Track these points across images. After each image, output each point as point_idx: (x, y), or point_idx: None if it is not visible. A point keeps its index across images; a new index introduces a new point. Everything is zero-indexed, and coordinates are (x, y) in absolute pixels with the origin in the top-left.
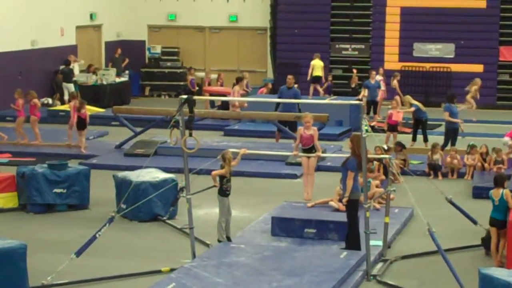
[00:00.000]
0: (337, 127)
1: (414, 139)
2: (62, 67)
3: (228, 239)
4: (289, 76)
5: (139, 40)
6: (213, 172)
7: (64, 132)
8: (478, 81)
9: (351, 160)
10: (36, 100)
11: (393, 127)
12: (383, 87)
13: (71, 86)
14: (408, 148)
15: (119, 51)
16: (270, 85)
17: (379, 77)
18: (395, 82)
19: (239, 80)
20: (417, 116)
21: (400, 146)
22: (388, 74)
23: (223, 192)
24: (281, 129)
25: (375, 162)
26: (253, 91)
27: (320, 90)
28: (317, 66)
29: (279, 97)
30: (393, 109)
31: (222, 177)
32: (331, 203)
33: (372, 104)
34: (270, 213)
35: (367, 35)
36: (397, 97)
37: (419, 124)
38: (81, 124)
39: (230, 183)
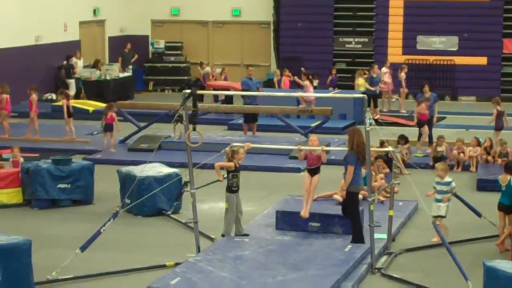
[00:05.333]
0: (341, 120)
1: None
2: (64, 62)
3: (245, 235)
4: (250, 68)
5: (142, 35)
6: (216, 164)
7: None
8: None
9: (350, 155)
10: (4, 96)
11: None
12: (389, 79)
13: (72, 82)
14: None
15: (128, 46)
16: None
17: (385, 69)
18: (402, 75)
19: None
20: None
21: (403, 139)
22: (392, 67)
23: (229, 188)
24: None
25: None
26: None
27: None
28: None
29: (247, 89)
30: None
31: (228, 172)
32: (335, 196)
33: (373, 98)
34: (274, 207)
35: (371, 28)
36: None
37: None
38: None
39: (236, 179)
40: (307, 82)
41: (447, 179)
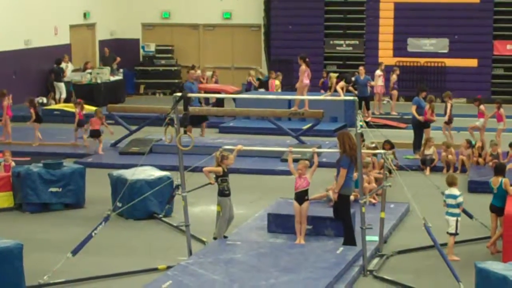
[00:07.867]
0: (332, 123)
1: None
2: (55, 66)
3: (224, 237)
4: (191, 71)
5: (133, 38)
6: (205, 168)
7: (59, 131)
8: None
9: (343, 158)
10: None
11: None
12: (381, 83)
13: (62, 85)
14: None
15: (106, 50)
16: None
17: (379, 72)
18: (394, 77)
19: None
20: None
21: (389, 144)
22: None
23: (221, 192)
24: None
25: (367, 158)
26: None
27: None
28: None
29: (191, 92)
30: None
31: (217, 177)
32: (329, 192)
33: (364, 100)
34: (266, 209)
35: (361, 31)
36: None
37: None
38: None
39: (226, 183)
40: (303, 67)
41: (455, 192)
